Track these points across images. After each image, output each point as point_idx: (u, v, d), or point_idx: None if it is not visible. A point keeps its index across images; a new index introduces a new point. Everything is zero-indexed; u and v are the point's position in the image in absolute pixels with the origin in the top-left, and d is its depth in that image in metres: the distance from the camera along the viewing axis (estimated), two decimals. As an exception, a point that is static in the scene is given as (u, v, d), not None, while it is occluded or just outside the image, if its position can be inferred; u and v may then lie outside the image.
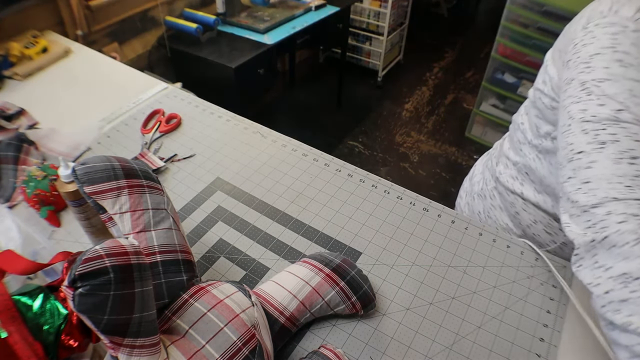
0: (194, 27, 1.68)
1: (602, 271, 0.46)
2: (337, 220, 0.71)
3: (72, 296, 0.33)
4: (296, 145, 0.86)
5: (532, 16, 1.96)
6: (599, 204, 0.47)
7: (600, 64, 0.52)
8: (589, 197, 0.48)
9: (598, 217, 0.47)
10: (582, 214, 0.49)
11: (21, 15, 1.21)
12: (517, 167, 0.74)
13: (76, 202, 0.58)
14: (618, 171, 0.47)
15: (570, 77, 0.56)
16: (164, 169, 0.80)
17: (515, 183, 0.75)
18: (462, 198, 0.97)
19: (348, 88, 2.89)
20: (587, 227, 0.48)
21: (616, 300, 0.44)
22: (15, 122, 0.90)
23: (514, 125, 0.77)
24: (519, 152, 0.74)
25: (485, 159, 0.92)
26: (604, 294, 0.45)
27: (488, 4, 4.18)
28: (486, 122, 2.45)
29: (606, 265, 0.45)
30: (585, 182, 0.49)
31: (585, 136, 0.50)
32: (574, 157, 0.51)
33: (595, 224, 0.47)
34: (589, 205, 0.48)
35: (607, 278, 0.45)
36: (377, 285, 0.62)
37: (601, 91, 0.51)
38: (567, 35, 0.60)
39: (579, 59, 0.55)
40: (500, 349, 0.55)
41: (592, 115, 0.50)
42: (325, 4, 2.06)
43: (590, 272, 0.47)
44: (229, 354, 0.42)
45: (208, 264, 0.64)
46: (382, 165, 2.36)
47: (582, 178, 0.49)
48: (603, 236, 0.46)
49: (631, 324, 0.42)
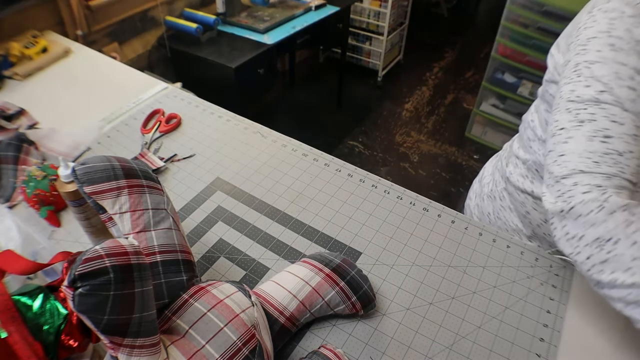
0: (194, 27, 1.68)
1: (576, 240, 0.51)
2: (337, 220, 0.71)
3: (72, 296, 0.33)
4: (296, 145, 0.86)
5: (532, 16, 1.96)
6: (568, 175, 0.52)
7: (594, 47, 0.55)
8: (561, 168, 0.53)
9: (566, 187, 0.52)
10: (555, 184, 0.54)
11: (21, 15, 1.21)
12: (527, 165, 0.75)
13: (76, 202, 0.58)
14: (590, 147, 0.51)
15: (568, 59, 0.59)
16: (164, 169, 0.80)
17: (525, 182, 0.75)
18: (471, 200, 0.97)
19: (348, 88, 2.89)
20: (557, 196, 0.53)
21: (597, 262, 0.49)
22: (15, 122, 0.90)
23: (524, 124, 0.78)
24: (529, 150, 0.74)
25: (494, 161, 0.93)
26: (586, 260, 0.50)
27: (488, 4, 4.18)
28: (486, 122, 2.45)
29: (578, 234, 0.50)
30: (561, 155, 0.54)
31: (568, 115, 0.55)
32: (556, 133, 0.56)
33: (563, 193, 0.52)
34: (560, 176, 0.53)
35: (584, 246, 0.50)
36: (377, 285, 0.62)
37: (590, 73, 0.54)
38: (574, 22, 0.62)
39: (578, 41, 0.58)
40: (500, 349, 0.55)
41: (577, 96, 0.54)
42: (325, 4, 2.06)
43: (568, 243, 0.52)
44: (229, 354, 0.42)
45: (208, 264, 0.64)
46: (382, 165, 2.36)
47: (559, 151, 0.54)
48: (570, 207, 0.51)
49: (617, 280, 0.47)
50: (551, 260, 0.66)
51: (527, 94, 2.17)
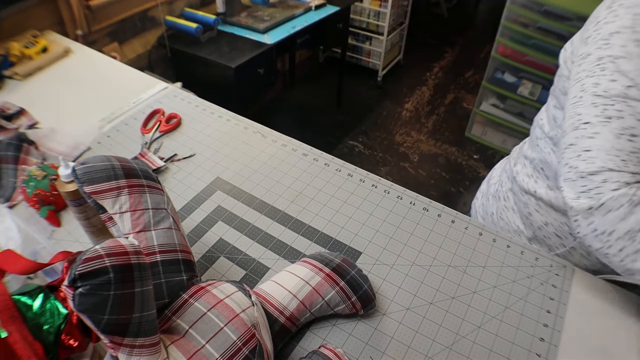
0: (194, 27, 1.68)
1: (607, 236, 0.52)
2: (337, 220, 0.71)
3: (72, 296, 0.33)
4: (296, 145, 0.86)
5: (532, 16, 1.96)
6: (597, 172, 0.52)
7: (618, 42, 0.54)
8: (587, 164, 0.53)
9: (594, 183, 0.52)
10: (579, 179, 0.53)
11: (21, 15, 1.21)
12: (534, 164, 0.75)
13: (76, 201, 0.58)
14: (617, 145, 0.51)
15: (587, 52, 0.58)
16: (164, 168, 0.80)
17: (529, 181, 0.75)
18: (477, 199, 0.98)
19: (348, 88, 2.89)
20: (582, 191, 0.53)
21: (631, 252, 0.51)
22: (15, 121, 0.90)
23: (534, 124, 0.78)
24: (536, 148, 0.75)
25: (504, 163, 0.93)
26: (619, 252, 0.52)
27: (488, 4, 4.18)
28: (486, 122, 2.45)
29: (607, 230, 0.52)
30: (586, 150, 0.53)
31: (595, 109, 0.54)
32: (579, 126, 0.55)
33: (590, 189, 0.52)
34: (586, 172, 0.53)
35: (616, 239, 0.51)
36: (377, 285, 0.62)
37: (615, 67, 0.53)
38: (591, 17, 0.62)
39: (598, 35, 0.57)
40: (500, 348, 0.55)
41: (603, 90, 0.54)
42: (325, 4, 2.06)
43: (597, 239, 0.53)
44: (229, 353, 0.42)
45: (208, 264, 0.64)
46: (382, 165, 2.36)
47: (584, 146, 0.54)
48: (600, 203, 0.51)
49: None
50: (551, 260, 0.66)
51: (527, 94, 2.17)
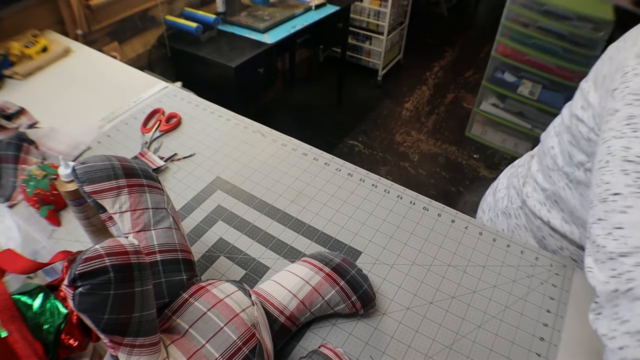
0: (194, 27, 1.68)
1: (618, 324, 0.43)
2: (337, 219, 0.71)
3: (72, 295, 0.33)
4: (296, 145, 0.86)
5: (532, 15, 1.96)
6: (629, 253, 0.43)
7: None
8: (619, 244, 0.44)
9: (626, 267, 0.43)
10: (608, 261, 0.45)
11: (21, 14, 1.21)
12: (546, 194, 0.70)
13: (76, 201, 0.58)
14: None
15: (614, 108, 0.51)
16: (164, 168, 0.80)
17: (542, 209, 0.71)
18: (485, 213, 0.91)
19: (348, 87, 2.89)
20: (612, 275, 0.45)
21: (629, 358, 0.41)
22: (15, 121, 0.90)
23: (542, 147, 0.73)
24: (548, 179, 0.69)
25: (509, 173, 0.88)
26: (618, 349, 0.42)
27: (488, 3, 4.18)
28: (486, 122, 2.45)
29: (624, 318, 0.42)
30: (618, 227, 0.45)
31: (625, 177, 0.46)
32: (608, 198, 0.47)
33: (621, 274, 0.44)
34: (617, 253, 0.44)
35: (623, 333, 0.42)
36: (377, 284, 0.62)
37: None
38: (616, 62, 0.56)
39: (627, 88, 0.50)
40: (500, 348, 0.55)
41: (636, 156, 0.46)
42: (325, 3, 2.06)
43: (607, 324, 0.44)
44: (229, 353, 0.42)
45: (208, 263, 0.64)
46: (382, 164, 2.36)
47: (614, 223, 0.45)
48: (628, 287, 0.42)
49: None
50: (551, 259, 0.66)
51: (527, 94, 2.17)
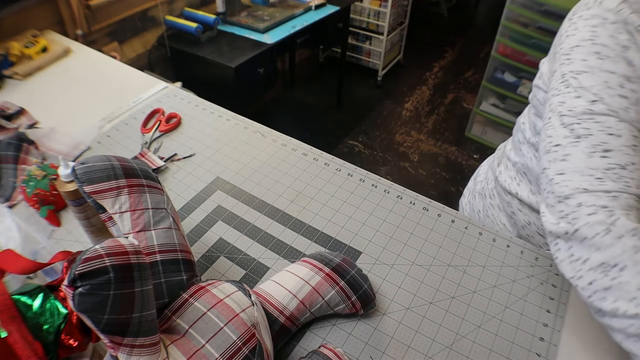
0: (193, 27, 1.68)
1: (580, 264, 0.48)
2: (337, 219, 0.71)
3: (72, 296, 0.33)
4: (296, 145, 0.86)
5: (532, 15, 1.96)
6: (571, 195, 0.50)
7: (579, 56, 0.53)
8: (562, 187, 0.51)
9: (570, 207, 0.49)
10: (556, 204, 0.51)
11: (21, 14, 1.21)
12: (517, 168, 0.75)
13: (76, 201, 0.58)
14: (590, 164, 0.49)
15: (554, 69, 0.57)
16: (164, 168, 0.80)
17: (512, 183, 0.75)
18: (465, 197, 0.98)
19: (348, 87, 2.89)
20: (561, 217, 0.51)
21: (600, 289, 0.46)
22: (15, 121, 0.90)
23: (517, 126, 0.77)
24: (519, 152, 0.74)
25: (490, 160, 0.93)
26: (588, 285, 0.47)
27: (488, 3, 4.18)
28: (486, 122, 2.45)
29: (582, 257, 0.48)
30: (560, 173, 0.52)
31: (563, 129, 0.53)
32: (551, 149, 0.53)
33: (567, 214, 0.50)
34: (562, 196, 0.51)
35: (587, 270, 0.47)
36: (377, 284, 0.62)
37: (578, 83, 0.52)
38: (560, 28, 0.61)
39: (561, 50, 0.56)
40: (500, 348, 0.55)
41: (569, 110, 0.52)
42: (325, 4, 2.06)
43: (570, 266, 0.49)
44: (228, 353, 0.42)
45: (208, 264, 0.64)
46: (382, 164, 2.36)
47: (557, 170, 0.52)
48: (574, 229, 0.48)
49: (619, 309, 0.45)
50: (551, 259, 0.66)
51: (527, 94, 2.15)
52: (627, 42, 0.51)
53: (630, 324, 0.44)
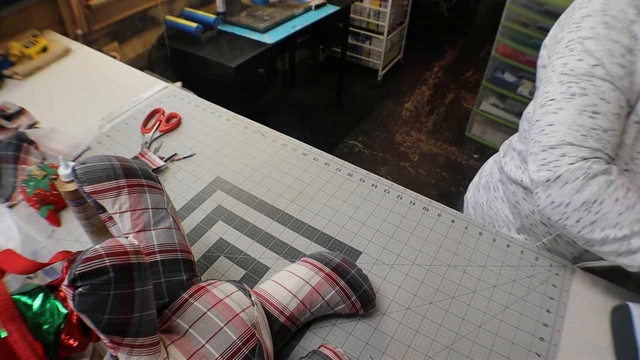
0: (193, 27, 1.68)
1: (563, 207, 0.55)
2: (337, 219, 0.71)
3: (72, 296, 0.33)
4: (296, 145, 0.86)
5: (532, 15, 1.96)
6: (557, 145, 0.55)
7: (588, 24, 0.57)
8: (549, 138, 0.56)
9: (553, 156, 0.55)
10: (540, 152, 0.56)
11: (21, 14, 1.21)
12: (522, 156, 0.76)
13: (76, 201, 0.58)
14: (579, 120, 0.54)
15: (561, 37, 0.61)
16: (164, 168, 0.80)
17: (517, 172, 0.77)
18: (469, 191, 1.00)
19: (348, 87, 2.89)
20: (542, 164, 0.56)
21: (587, 224, 0.53)
22: (15, 121, 0.90)
23: (523, 116, 0.80)
24: (524, 140, 0.76)
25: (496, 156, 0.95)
26: (576, 223, 0.54)
27: (488, 3, 4.18)
28: (486, 122, 2.45)
29: (564, 201, 0.54)
30: (549, 124, 0.56)
31: (561, 86, 0.57)
32: (546, 103, 0.58)
33: (550, 162, 0.55)
34: (547, 145, 0.55)
35: (572, 211, 0.54)
36: (377, 284, 0.62)
37: (583, 47, 0.56)
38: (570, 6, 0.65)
39: (571, 19, 0.60)
40: (500, 348, 0.55)
41: (570, 69, 0.56)
42: (325, 3, 2.06)
43: (554, 211, 0.56)
44: (229, 353, 0.42)
45: (208, 264, 0.64)
46: (382, 164, 2.36)
47: (547, 121, 0.57)
48: (556, 175, 0.54)
49: (608, 236, 0.52)
50: (551, 259, 0.66)
51: (527, 94, 2.17)
52: (634, 16, 0.55)
53: (620, 244, 0.52)
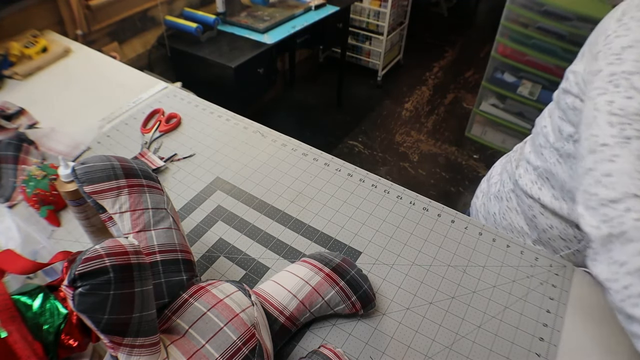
0: (193, 27, 1.68)
1: (618, 267, 0.46)
2: (337, 219, 0.71)
3: (72, 296, 0.33)
4: (296, 145, 0.86)
5: (532, 16, 1.96)
6: (619, 199, 0.47)
7: (631, 56, 0.51)
8: (608, 190, 0.48)
9: (616, 212, 0.47)
10: (600, 207, 0.49)
11: (21, 14, 1.21)
12: (538, 172, 0.73)
13: (76, 201, 0.58)
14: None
15: (598, 69, 0.55)
16: (164, 168, 0.80)
17: (533, 187, 0.73)
18: (478, 198, 0.96)
19: (348, 88, 2.89)
20: (604, 220, 0.48)
21: (635, 294, 0.44)
22: (15, 121, 0.90)
23: (536, 129, 0.76)
24: (540, 157, 0.72)
25: (504, 161, 0.91)
26: (623, 289, 0.45)
27: (488, 3, 4.18)
28: (486, 122, 2.45)
29: (621, 260, 0.46)
30: (606, 175, 0.49)
31: (611, 129, 0.50)
32: (597, 149, 0.51)
33: (612, 218, 0.47)
34: (607, 199, 0.48)
35: (625, 273, 0.45)
36: (377, 284, 0.62)
37: (630, 84, 0.50)
38: (599, 29, 0.60)
39: (609, 50, 0.54)
40: (500, 348, 0.55)
41: (619, 109, 0.50)
42: (325, 4, 2.06)
43: (607, 268, 0.47)
44: (228, 353, 0.42)
45: (208, 264, 0.64)
46: (382, 164, 2.36)
47: (604, 171, 0.49)
48: (620, 231, 0.46)
49: None
50: (551, 259, 0.66)
51: (527, 94, 2.17)
52: None
53: None
